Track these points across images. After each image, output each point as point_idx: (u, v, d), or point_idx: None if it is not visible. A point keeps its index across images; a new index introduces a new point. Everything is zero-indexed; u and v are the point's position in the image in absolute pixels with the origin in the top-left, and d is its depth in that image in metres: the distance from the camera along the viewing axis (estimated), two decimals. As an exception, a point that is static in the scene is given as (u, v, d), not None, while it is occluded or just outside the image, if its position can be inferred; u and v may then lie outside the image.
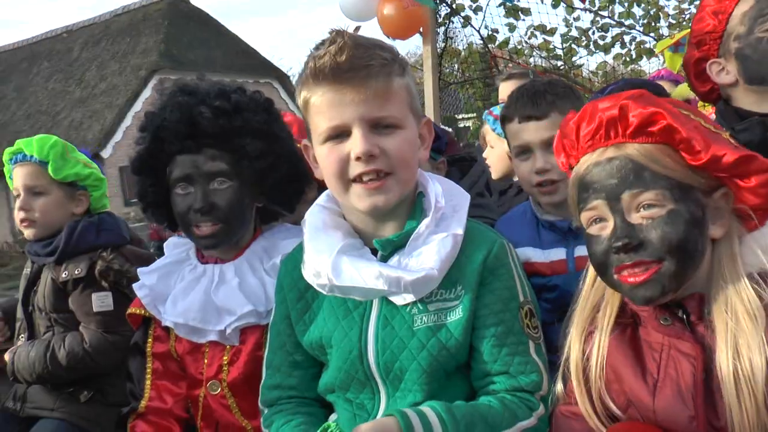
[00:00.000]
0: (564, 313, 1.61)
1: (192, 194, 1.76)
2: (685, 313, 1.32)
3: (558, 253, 1.96)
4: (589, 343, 1.41)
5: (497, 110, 3.11)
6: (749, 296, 1.24)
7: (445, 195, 1.52)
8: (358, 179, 1.43)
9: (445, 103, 8.80)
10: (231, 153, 1.76)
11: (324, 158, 1.46)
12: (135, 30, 18.70)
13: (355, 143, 1.40)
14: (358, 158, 1.40)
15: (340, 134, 1.42)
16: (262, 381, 1.67)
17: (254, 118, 1.78)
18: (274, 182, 1.82)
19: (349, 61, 1.37)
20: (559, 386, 1.47)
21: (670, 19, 8.97)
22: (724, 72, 1.95)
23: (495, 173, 3.13)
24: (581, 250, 1.91)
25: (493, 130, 3.17)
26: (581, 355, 1.41)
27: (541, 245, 1.99)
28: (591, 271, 1.44)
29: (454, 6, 7.06)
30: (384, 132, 1.42)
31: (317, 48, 1.43)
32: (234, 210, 1.78)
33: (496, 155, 3.22)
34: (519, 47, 8.27)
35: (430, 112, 5.84)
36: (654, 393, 1.31)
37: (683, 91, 3.99)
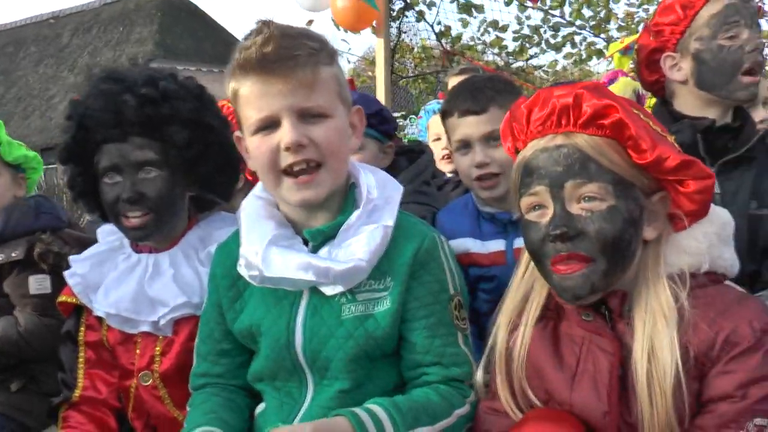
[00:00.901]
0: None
1: (120, 184, 1.73)
2: (607, 310, 1.34)
3: (497, 245, 2.00)
4: (514, 334, 1.43)
5: None
6: (666, 298, 1.27)
7: (378, 186, 1.53)
8: (289, 170, 1.43)
9: (398, 98, 8.83)
10: (159, 142, 1.73)
11: (254, 149, 1.46)
12: (128, 19, 18.52)
13: (284, 133, 1.40)
14: (287, 148, 1.40)
15: (269, 125, 1.42)
16: (192, 368, 1.68)
17: (183, 106, 1.75)
18: (205, 171, 1.80)
19: (276, 52, 1.37)
20: (479, 376, 1.49)
21: (620, 22, 9.15)
22: (676, 68, 1.96)
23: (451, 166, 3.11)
24: (520, 242, 1.93)
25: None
26: (506, 345, 1.44)
27: (481, 236, 2.02)
28: (524, 261, 1.46)
29: (408, 0, 7.07)
30: (313, 121, 1.42)
31: (245, 39, 1.42)
32: (164, 199, 1.75)
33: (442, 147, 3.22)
34: (471, 43, 8.33)
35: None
36: (571, 386, 1.33)
37: (622, 85, 4.08)
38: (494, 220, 2.01)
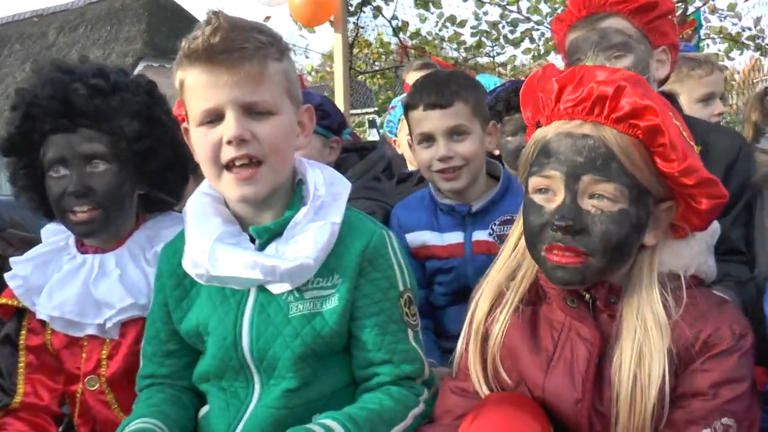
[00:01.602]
0: (459, 297, 1.63)
1: (67, 177, 1.68)
2: (592, 299, 1.34)
3: (455, 237, 2.02)
4: (495, 310, 1.42)
5: None
6: (659, 310, 1.26)
7: (326, 183, 1.51)
8: (230, 165, 1.41)
9: (357, 93, 8.81)
10: (109, 134, 1.69)
11: (198, 142, 1.44)
12: (115, 18, 18.45)
13: (227, 127, 1.38)
14: (229, 142, 1.38)
15: (213, 117, 1.40)
16: (138, 370, 1.65)
17: (133, 99, 1.72)
18: (154, 168, 1.77)
19: (223, 43, 1.35)
20: (459, 350, 1.47)
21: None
22: None
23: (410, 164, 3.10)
24: (479, 235, 2.00)
25: None
26: (484, 323, 1.42)
27: (438, 229, 2.05)
28: (515, 237, 1.44)
29: (365, -5, 7.05)
30: (258, 117, 1.40)
31: (194, 29, 1.39)
32: (112, 195, 1.71)
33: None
34: (429, 39, 8.34)
35: (339, 101, 5.82)
36: (546, 371, 1.33)
37: None
38: (452, 212, 2.03)
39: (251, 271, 1.41)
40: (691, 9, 6.98)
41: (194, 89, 1.40)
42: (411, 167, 3.06)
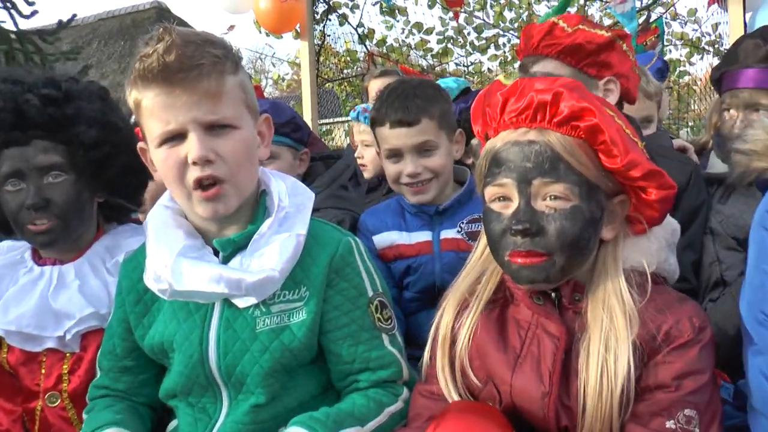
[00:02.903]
0: (428, 301, 1.63)
1: (24, 190, 1.64)
2: (557, 297, 1.37)
3: (423, 236, 2.05)
4: (461, 315, 1.43)
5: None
6: (627, 299, 1.30)
7: (289, 193, 1.50)
8: (197, 185, 1.38)
9: (324, 101, 8.80)
10: (64, 144, 1.66)
11: (161, 163, 1.40)
12: (128, 34, 18.42)
13: (191, 147, 1.35)
14: (194, 163, 1.35)
15: (175, 138, 1.36)
16: (93, 380, 1.62)
17: (88, 106, 1.68)
18: (113, 174, 1.73)
19: (179, 61, 1.31)
20: (426, 356, 1.48)
21: (542, 24, 9.34)
22: None
23: (372, 171, 3.09)
24: (447, 233, 2.03)
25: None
26: (451, 327, 1.43)
27: (406, 229, 2.07)
28: (482, 244, 1.47)
29: (331, 3, 7.04)
30: (219, 133, 1.37)
31: (145, 45, 1.35)
32: (71, 205, 1.68)
33: (373, 153, 3.19)
34: (396, 46, 8.36)
35: (308, 109, 5.80)
36: (514, 368, 1.35)
37: None
38: (421, 213, 2.06)
39: (216, 285, 1.38)
40: (653, 16, 7.10)
41: (152, 110, 1.36)
42: (367, 174, 3.06)
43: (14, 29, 4.54)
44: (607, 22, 8.73)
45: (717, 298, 1.84)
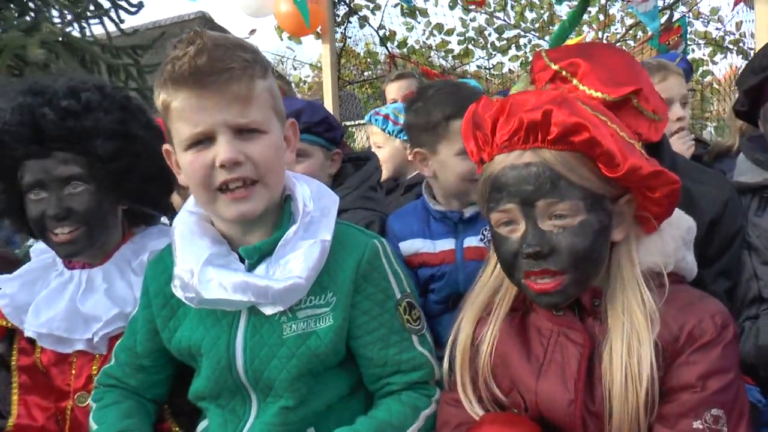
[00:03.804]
0: (452, 305, 1.64)
1: (45, 200, 1.67)
2: (577, 304, 1.37)
3: (447, 244, 2.05)
4: (481, 327, 1.44)
5: (385, 110, 3.13)
6: (646, 299, 1.29)
7: (314, 197, 1.50)
8: (224, 187, 1.38)
9: (346, 103, 8.83)
10: (84, 155, 1.67)
11: (188, 166, 1.40)
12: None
13: (220, 150, 1.35)
14: (222, 166, 1.36)
15: (203, 141, 1.37)
16: (106, 365, 1.65)
17: (106, 118, 1.68)
18: (134, 184, 1.74)
19: (210, 64, 1.32)
20: (445, 369, 1.49)
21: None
22: None
23: (385, 173, 3.14)
24: (470, 241, 2.02)
25: (383, 130, 3.17)
26: (471, 339, 1.44)
27: (430, 236, 2.07)
28: (493, 262, 1.47)
29: (351, 5, 7.06)
30: (248, 137, 1.38)
31: (174, 48, 1.36)
32: (92, 214, 1.70)
33: (385, 154, 3.23)
34: (417, 47, 8.37)
35: (330, 111, 5.80)
36: (538, 376, 1.35)
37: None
38: (445, 219, 2.06)
39: (242, 294, 1.38)
40: (676, 15, 7.03)
41: (181, 113, 1.36)
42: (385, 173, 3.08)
43: (108, 42, 4.71)
44: (629, 21, 8.67)
45: (755, 315, 1.80)
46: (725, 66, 7.86)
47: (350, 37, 7.14)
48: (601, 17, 8.51)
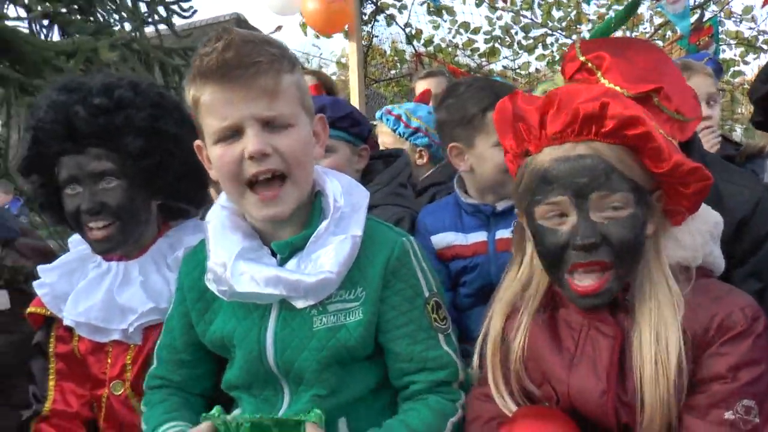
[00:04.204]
0: (483, 298, 1.66)
1: (80, 194, 1.71)
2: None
3: (479, 236, 2.08)
4: (512, 322, 1.45)
5: (398, 110, 3.08)
6: (673, 290, 1.31)
7: (344, 193, 1.51)
8: (253, 181, 1.40)
9: (372, 101, 8.85)
10: (116, 151, 1.70)
11: (217, 159, 1.43)
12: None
13: (248, 142, 1.37)
14: (251, 157, 1.38)
15: (232, 134, 1.39)
16: (151, 368, 1.68)
17: (137, 115, 1.71)
18: (166, 180, 1.77)
19: (237, 58, 1.34)
20: (475, 365, 1.51)
21: (591, 24, 9.24)
22: None
23: None
24: (502, 233, 2.04)
25: (394, 131, 3.08)
26: (501, 334, 1.46)
27: (462, 230, 2.10)
28: (521, 256, 1.48)
29: (378, 4, 7.08)
30: (276, 130, 1.40)
31: (204, 45, 1.39)
32: (125, 209, 1.73)
33: None
34: (443, 45, 8.37)
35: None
36: (570, 368, 1.37)
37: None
38: (477, 212, 2.09)
39: (274, 288, 1.41)
40: (707, 15, 6.96)
41: (210, 107, 1.39)
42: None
43: (160, 43, 4.94)
44: (657, 20, 8.58)
45: None
46: (757, 66, 7.77)
47: (377, 36, 7.16)
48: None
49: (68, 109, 1.68)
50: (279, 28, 6.90)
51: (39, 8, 4.58)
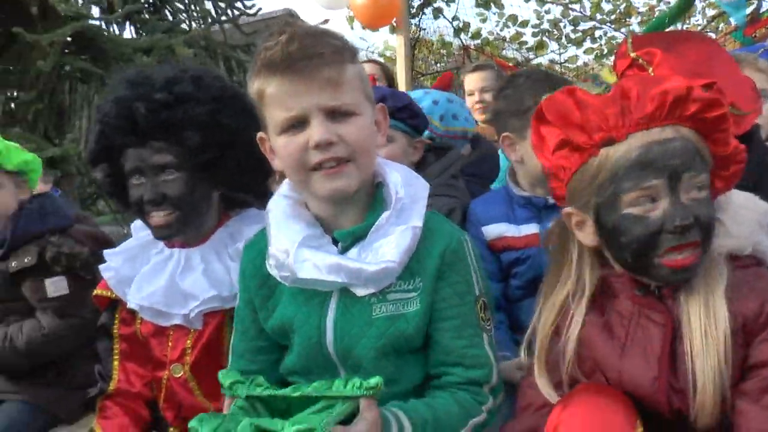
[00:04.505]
0: (535, 290, 1.69)
1: (143, 185, 1.77)
2: (657, 286, 1.41)
3: (531, 228, 2.10)
4: (566, 315, 1.47)
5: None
6: (722, 274, 1.35)
7: (405, 184, 1.53)
8: (317, 167, 1.43)
9: (418, 94, 8.83)
10: (177, 145, 1.75)
11: (282, 149, 1.46)
12: (260, 38, 19.68)
13: (313, 131, 1.40)
14: (316, 146, 1.41)
15: (297, 124, 1.42)
16: (228, 366, 1.69)
17: (197, 110, 1.74)
18: (227, 172, 1.81)
19: (301, 51, 1.37)
20: (523, 356, 1.54)
21: (641, 16, 9.10)
22: None
23: None
24: None
25: None
26: (551, 326, 1.48)
27: (515, 221, 2.12)
28: (577, 247, 1.49)
29: (426, -3, 7.09)
30: (341, 119, 1.42)
31: (267, 39, 1.42)
32: (185, 200, 1.78)
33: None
34: (490, 38, 8.33)
35: (402, 101, 5.85)
36: (621, 355, 1.39)
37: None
38: (529, 205, 2.10)
39: (336, 275, 1.43)
40: (765, 5, 6.77)
41: (275, 98, 1.42)
42: None
43: (224, 40, 5.20)
44: (710, 12, 8.40)
45: None
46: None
47: (424, 29, 7.16)
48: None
49: (131, 105, 1.73)
50: (326, 21, 6.97)
51: (120, 9, 4.82)
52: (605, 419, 1.31)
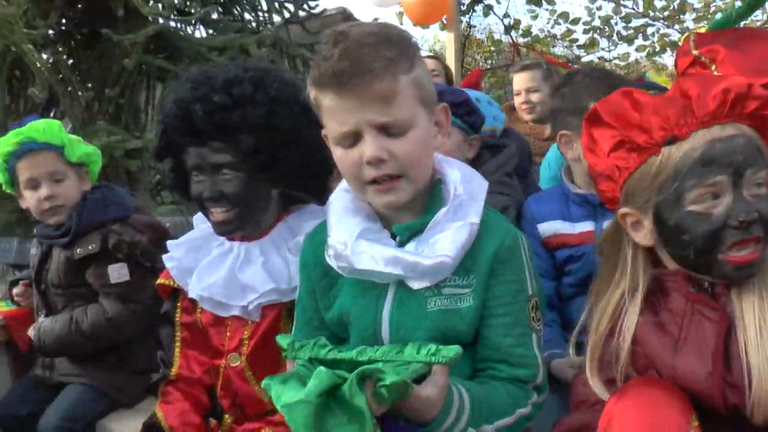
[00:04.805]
0: (587, 288, 1.71)
1: (203, 182, 1.83)
2: (710, 285, 1.41)
3: (586, 226, 2.10)
4: (620, 315, 1.48)
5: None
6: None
7: (463, 181, 1.55)
8: (371, 182, 1.46)
9: (467, 91, 8.80)
10: (233, 146, 1.79)
11: (339, 161, 1.50)
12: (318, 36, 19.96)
13: (366, 149, 1.42)
14: (368, 163, 1.43)
15: (351, 138, 1.45)
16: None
17: (252, 113, 1.77)
18: (284, 172, 1.85)
19: (352, 67, 1.37)
20: (572, 353, 1.57)
21: (696, 13, 8.91)
22: None
23: None
24: None
25: None
26: (606, 327, 1.49)
27: (570, 219, 2.12)
28: (630, 245, 1.50)
29: (477, -6, 7.07)
30: (394, 135, 1.44)
31: (323, 50, 1.44)
32: (243, 198, 1.82)
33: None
34: (540, 36, 8.25)
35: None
36: (675, 352, 1.38)
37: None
38: (585, 203, 2.10)
39: (393, 267, 1.46)
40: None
41: (330, 112, 1.45)
42: None
43: (288, 39, 5.41)
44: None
45: None
46: None
47: (474, 26, 7.14)
48: (738, 3, 8.08)
49: (189, 107, 1.77)
50: (375, 20, 7.00)
51: (196, 11, 5.03)
52: (659, 413, 1.31)
